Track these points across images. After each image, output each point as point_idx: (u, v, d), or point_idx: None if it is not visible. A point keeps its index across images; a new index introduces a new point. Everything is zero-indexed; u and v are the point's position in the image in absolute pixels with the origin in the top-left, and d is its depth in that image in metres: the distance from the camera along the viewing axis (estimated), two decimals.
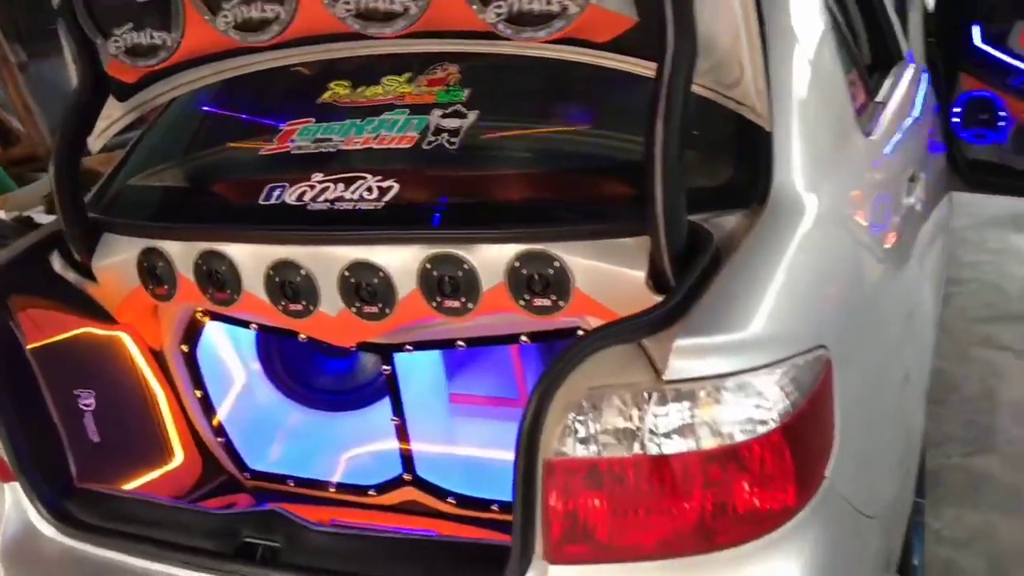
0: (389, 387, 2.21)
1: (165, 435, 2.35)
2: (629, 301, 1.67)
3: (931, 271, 2.66)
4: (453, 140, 1.98)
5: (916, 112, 2.89)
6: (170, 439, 2.36)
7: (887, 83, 2.72)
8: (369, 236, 1.91)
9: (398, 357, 2.16)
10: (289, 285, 1.98)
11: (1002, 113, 3.58)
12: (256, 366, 2.53)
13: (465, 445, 2.36)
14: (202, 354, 2.37)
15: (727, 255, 1.62)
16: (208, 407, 2.39)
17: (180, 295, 2.13)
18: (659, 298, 1.61)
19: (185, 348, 2.34)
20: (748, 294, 1.54)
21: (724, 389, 1.42)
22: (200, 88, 2.25)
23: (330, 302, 1.97)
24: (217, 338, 2.42)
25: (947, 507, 2.90)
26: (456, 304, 1.86)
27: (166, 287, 2.14)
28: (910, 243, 2.31)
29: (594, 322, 1.82)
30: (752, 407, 1.43)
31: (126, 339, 2.29)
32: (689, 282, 1.54)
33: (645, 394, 1.43)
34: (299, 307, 2.00)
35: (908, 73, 3.00)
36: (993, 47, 3.66)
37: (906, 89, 2.83)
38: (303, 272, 1.96)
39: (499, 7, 1.73)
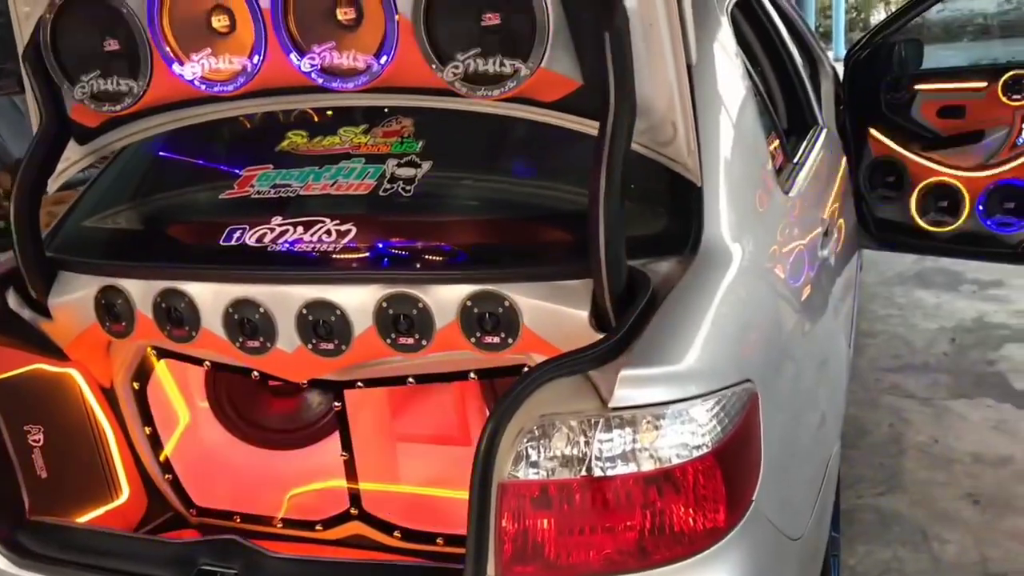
0: (339, 423, 2.29)
1: (113, 471, 2.39)
2: (573, 338, 1.81)
3: (844, 321, 2.86)
4: (408, 188, 2.11)
5: (829, 173, 3.12)
6: (117, 475, 2.40)
7: (803, 146, 2.94)
8: (328, 276, 2.01)
9: (348, 394, 2.25)
10: (248, 323, 2.06)
11: (907, 176, 3.88)
12: (204, 404, 2.59)
13: (410, 482, 2.45)
14: (152, 391, 2.42)
15: (663, 296, 1.77)
16: (156, 444, 2.44)
17: (138, 332, 2.19)
18: (600, 335, 1.75)
19: (136, 385, 2.39)
20: (683, 332, 1.69)
21: (663, 417, 1.56)
22: (157, 133, 2.34)
23: (287, 339, 2.06)
24: (167, 376, 2.48)
25: (860, 544, 3.08)
26: (410, 341, 1.97)
27: (123, 324, 2.20)
28: (825, 294, 2.50)
29: (538, 358, 1.95)
30: (688, 433, 1.57)
31: (76, 376, 2.33)
32: (630, 320, 1.68)
33: (592, 421, 1.56)
34: (256, 344, 2.08)
35: (822, 137, 3.23)
36: (899, 115, 3.96)
37: (820, 151, 3.05)
38: (262, 310, 2.05)
39: (456, 67, 1.87)
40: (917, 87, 4.01)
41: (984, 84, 3.92)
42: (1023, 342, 4.45)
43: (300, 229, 2.08)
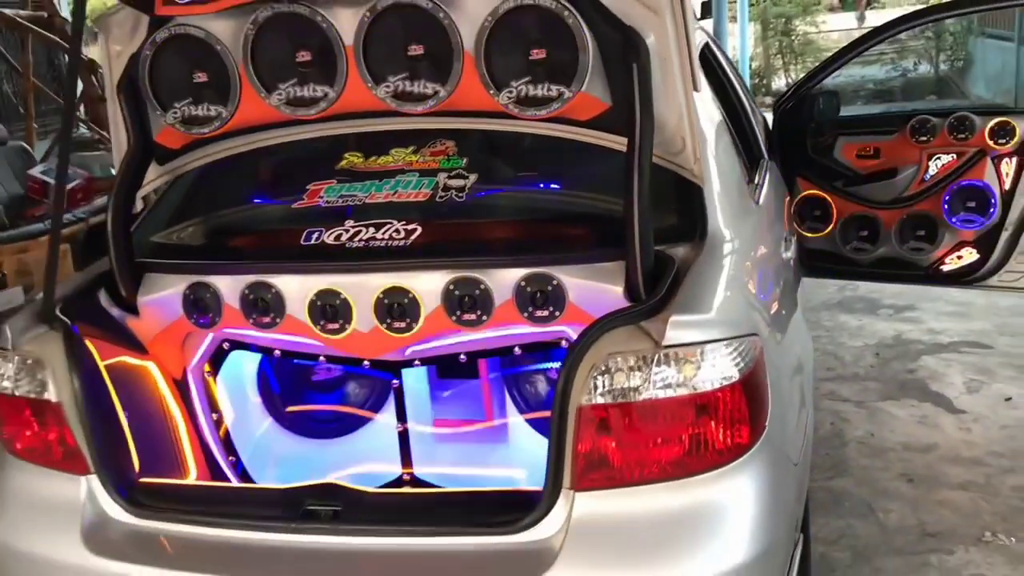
0: (396, 398, 2.66)
1: (182, 454, 2.70)
2: (608, 309, 2.24)
3: (800, 301, 3.34)
4: (460, 194, 2.53)
5: (778, 196, 3.65)
6: (186, 457, 2.70)
7: (758, 171, 3.47)
8: (401, 265, 2.41)
9: (406, 372, 2.63)
10: (329, 308, 2.44)
11: (831, 210, 4.44)
12: (257, 399, 2.92)
13: (448, 456, 2.83)
14: (221, 381, 2.75)
15: (684, 271, 2.22)
16: (221, 429, 2.76)
17: (223, 322, 2.54)
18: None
19: (208, 376, 2.72)
20: (707, 295, 2.13)
21: (702, 353, 2.00)
22: (230, 154, 2.71)
23: (364, 321, 2.44)
24: (233, 370, 2.81)
25: (818, 517, 3.52)
26: (472, 317, 2.38)
27: (210, 315, 2.54)
28: (788, 282, 3.00)
29: (574, 332, 2.38)
30: (720, 367, 2.01)
31: (153, 368, 2.64)
32: (665, 286, 2.13)
33: (648, 357, 1.99)
34: (336, 326, 2.46)
35: (769, 168, 3.77)
36: (822, 157, 4.54)
37: (771, 177, 3.58)
38: (342, 297, 2.43)
39: (511, 92, 2.31)
40: (838, 132, 4.59)
41: (896, 128, 4.54)
42: (936, 354, 5.04)
43: (372, 229, 2.48)
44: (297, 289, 2.46)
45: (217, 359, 2.73)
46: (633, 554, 1.97)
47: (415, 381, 2.82)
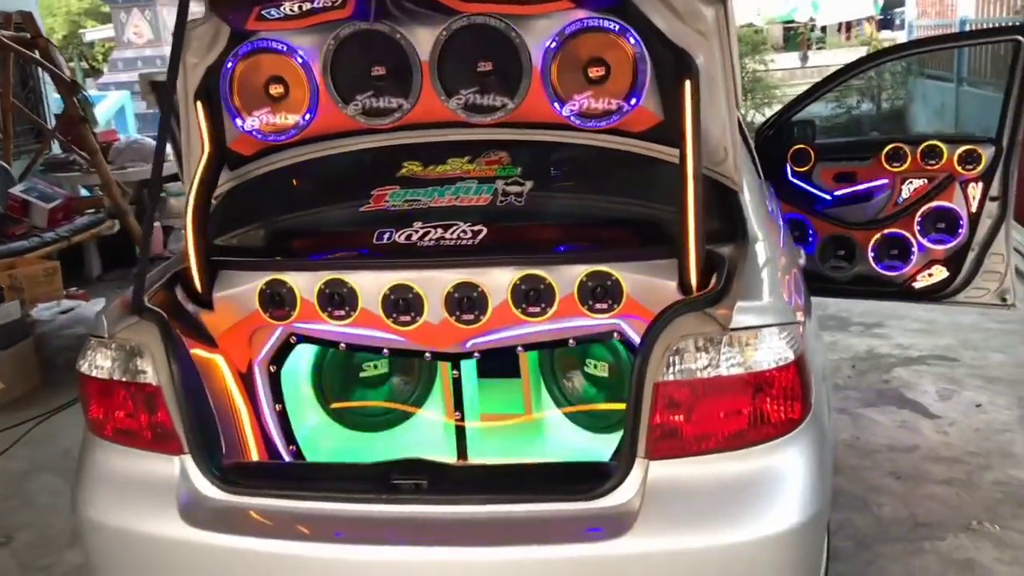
0: (455, 388, 2.86)
1: (246, 444, 2.86)
2: (662, 303, 2.48)
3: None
4: (519, 200, 2.76)
5: (778, 208, 3.93)
6: (249, 447, 2.86)
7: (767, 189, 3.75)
8: (471, 262, 2.62)
9: (464, 364, 2.84)
10: (402, 302, 2.64)
11: (810, 231, 4.76)
12: (311, 393, 3.10)
13: (493, 448, 3.03)
14: (283, 375, 2.92)
15: (735, 266, 2.47)
16: (285, 420, 2.93)
17: (299, 315, 2.72)
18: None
19: (272, 368, 2.89)
20: (760, 287, 2.38)
21: (763, 336, 2.24)
22: (298, 161, 2.91)
23: (434, 313, 2.65)
24: (293, 364, 2.98)
25: None
26: (537, 309, 2.60)
27: (286, 309, 2.72)
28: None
29: (627, 326, 2.62)
30: (777, 349, 2.25)
31: (220, 361, 2.80)
32: (723, 279, 2.37)
33: (716, 338, 2.22)
34: (407, 318, 2.66)
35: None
36: (802, 181, 4.86)
37: (771, 192, 3.87)
38: (414, 291, 2.63)
39: (573, 105, 2.56)
40: (817, 158, 4.91)
41: (871, 154, 4.88)
42: (907, 366, 5.38)
43: (440, 230, 2.69)
44: (371, 284, 2.66)
45: (281, 353, 2.90)
46: (702, 516, 2.20)
47: (465, 377, 3.01)
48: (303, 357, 3.06)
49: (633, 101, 2.53)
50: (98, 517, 2.46)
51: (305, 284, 2.70)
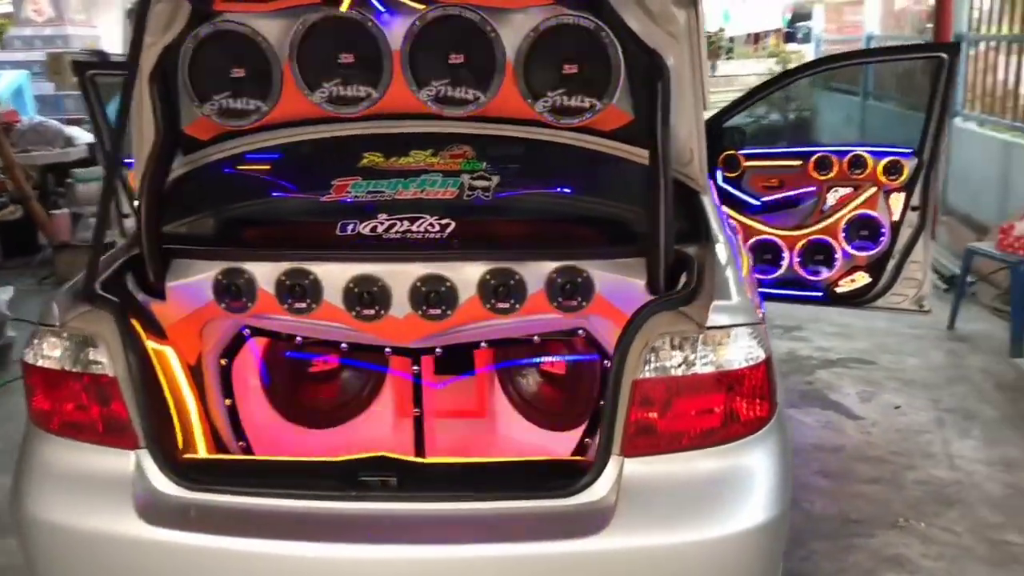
0: (414, 383, 2.81)
1: (193, 439, 2.76)
2: (630, 301, 2.49)
3: None
4: (487, 193, 2.73)
5: None
6: (196, 443, 2.76)
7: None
8: (441, 255, 2.59)
9: (424, 360, 2.79)
10: (366, 295, 2.59)
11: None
12: (259, 388, 3.01)
13: (446, 445, 3.00)
14: (235, 368, 2.83)
15: (702, 267, 2.49)
16: (234, 415, 2.84)
17: (257, 307, 2.64)
18: (651, 297, 2.45)
19: (224, 362, 2.80)
20: (731, 287, 2.40)
21: (736, 335, 2.27)
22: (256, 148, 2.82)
23: (400, 307, 2.60)
24: (243, 358, 2.89)
25: None
26: (506, 305, 2.58)
27: (243, 300, 2.64)
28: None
29: (596, 322, 2.62)
30: (750, 348, 2.28)
31: (170, 353, 2.69)
32: (695, 278, 2.39)
33: (692, 337, 2.24)
34: (371, 312, 2.61)
35: None
36: (731, 186, 4.97)
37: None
38: (380, 284, 2.58)
39: (547, 101, 2.55)
40: (747, 164, 5.03)
41: (800, 162, 5.01)
42: (828, 368, 5.55)
43: (406, 223, 2.65)
44: (335, 276, 2.60)
45: (233, 347, 2.81)
46: (677, 512, 2.22)
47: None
48: (252, 350, 2.97)
49: (605, 100, 2.54)
50: (44, 514, 2.34)
51: (265, 274, 2.62)
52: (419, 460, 2.41)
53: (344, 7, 2.50)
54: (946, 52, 4.47)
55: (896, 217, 4.76)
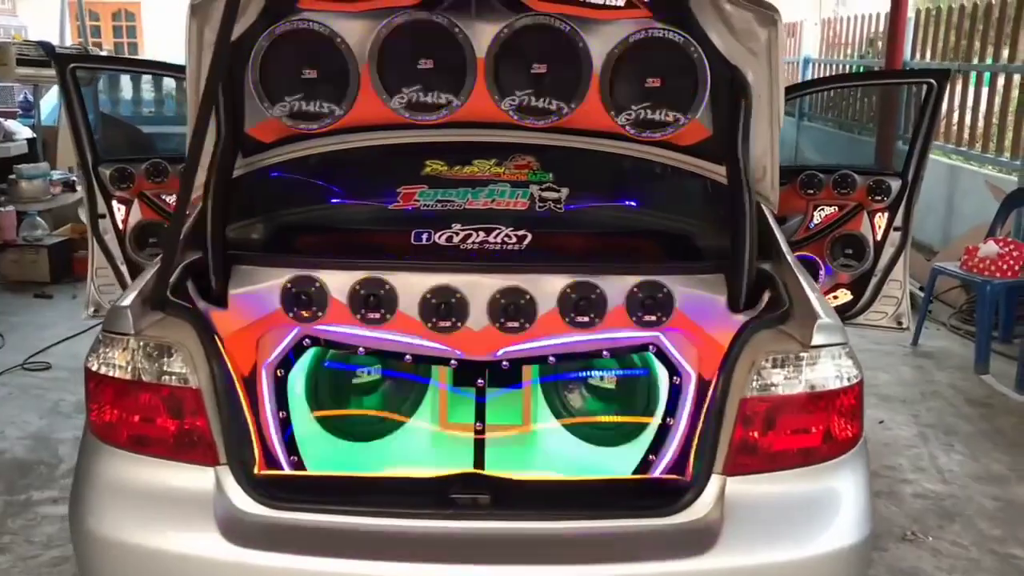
0: (478, 396, 2.74)
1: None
2: (709, 317, 2.49)
3: None
4: (559, 206, 2.69)
5: None
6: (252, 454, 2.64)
7: None
8: (521, 267, 2.54)
9: (489, 374, 2.72)
10: (443, 306, 2.51)
11: None
12: (305, 401, 2.89)
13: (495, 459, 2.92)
14: (289, 380, 2.72)
15: (784, 284, 2.49)
16: (287, 428, 2.72)
17: (327, 317, 2.54)
18: (735, 315, 2.45)
19: (280, 372, 2.69)
20: (823, 305, 2.38)
21: (839, 354, 2.27)
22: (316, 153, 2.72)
23: (477, 320, 2.54)
24: (296, 369, 2.78)
25: None
26: (586, 319, 2.54)
27: (313, 309, 2.53)
28: None
29: (668, 336, 2.61)
30: (848, 367, 2.29)
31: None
32: (783, 294, 2.39)
33: (798, 356, 2.24)
34: (447, 323, 2.53)
35: None
36: None
37: None
38: (458, 295, 2.51)
39: (630, 114, 2.53)
40: None
41: (785, 181, 5.09)
42: None
43: (482, 233, 2.59)
44: (412, 286, 2.52)
45: (291, 357, 2.70)
46: (778, 532, 2.21)
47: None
48: (304, 360, 2.85)
49: (690, 115, 2.53)
50: (111, 533, 2.20)
51: (338, 283, 2.53)
52: (511, 477, 2.34)
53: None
54: (935, 79, 4.60)
55: (879, 237, 4.88)
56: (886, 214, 4.87)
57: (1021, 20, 7.57)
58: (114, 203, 3.99)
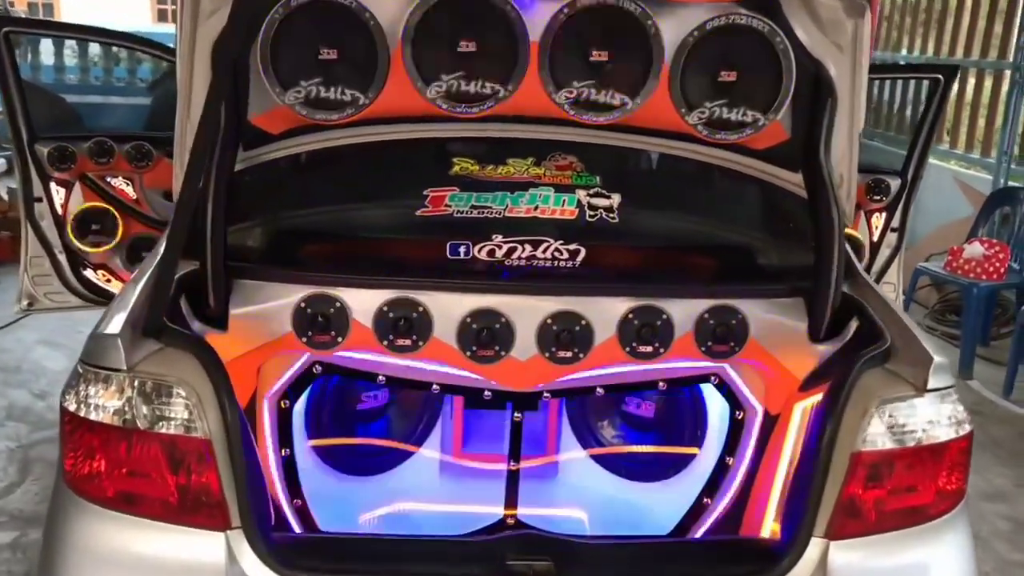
0: (514, 433, 2.37)
1: None
2: (786, 348, 2.17)
3: None
4: (612, 215, 2.34)
5: None
6: None
7: None
8: (575, 289, 2.17)
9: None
10: (486, 332, 2.14)
11: None
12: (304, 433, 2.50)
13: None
14: (294, 412, 2.32)
15: (876, 312, 2.17)
16: (291, 467, 2.33)
17: (347, 343, 2.15)
18: (816, 345, 2.15)
19: (284, 404, 2.29)
20: (923, 338, 2.08)
21: (948, 398, 1.98)
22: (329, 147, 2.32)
23: (523, 348, 2.17)
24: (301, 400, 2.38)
25: None
26: (649, 349, 2.19)
27: (332, 334, 2.14)
28: None
29: (732, 368, 2.28)
30: (958, 414, 2.00)
31: None
32: (878, 326, 2.08)
33: (912, 402, 1.93)
34: (490, 353, 2.16)
35: None
36: None
37: None
38: (503, 320, 2.14)
39: (703, 112, 2.19)
40: None
41: None
42: None
43: (528, 247, 2.22)
44: (451, 308, 2.14)
45: (298, 387, 2.31)
46: None
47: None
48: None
49: (771, 115, 2.20)
50: None
51: (361, 303, 2.13)
52: (575, 538, 1.99)
53: None
54: (943, 74, 4.37)
55: (876, 237, 4.68)
56: (883, 214, 4.66)
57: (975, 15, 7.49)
58: (52, 185, 3.52)
